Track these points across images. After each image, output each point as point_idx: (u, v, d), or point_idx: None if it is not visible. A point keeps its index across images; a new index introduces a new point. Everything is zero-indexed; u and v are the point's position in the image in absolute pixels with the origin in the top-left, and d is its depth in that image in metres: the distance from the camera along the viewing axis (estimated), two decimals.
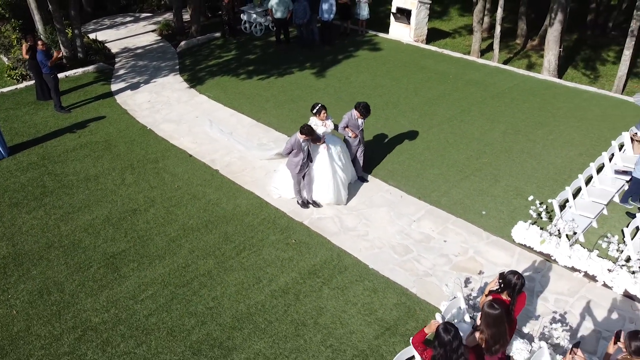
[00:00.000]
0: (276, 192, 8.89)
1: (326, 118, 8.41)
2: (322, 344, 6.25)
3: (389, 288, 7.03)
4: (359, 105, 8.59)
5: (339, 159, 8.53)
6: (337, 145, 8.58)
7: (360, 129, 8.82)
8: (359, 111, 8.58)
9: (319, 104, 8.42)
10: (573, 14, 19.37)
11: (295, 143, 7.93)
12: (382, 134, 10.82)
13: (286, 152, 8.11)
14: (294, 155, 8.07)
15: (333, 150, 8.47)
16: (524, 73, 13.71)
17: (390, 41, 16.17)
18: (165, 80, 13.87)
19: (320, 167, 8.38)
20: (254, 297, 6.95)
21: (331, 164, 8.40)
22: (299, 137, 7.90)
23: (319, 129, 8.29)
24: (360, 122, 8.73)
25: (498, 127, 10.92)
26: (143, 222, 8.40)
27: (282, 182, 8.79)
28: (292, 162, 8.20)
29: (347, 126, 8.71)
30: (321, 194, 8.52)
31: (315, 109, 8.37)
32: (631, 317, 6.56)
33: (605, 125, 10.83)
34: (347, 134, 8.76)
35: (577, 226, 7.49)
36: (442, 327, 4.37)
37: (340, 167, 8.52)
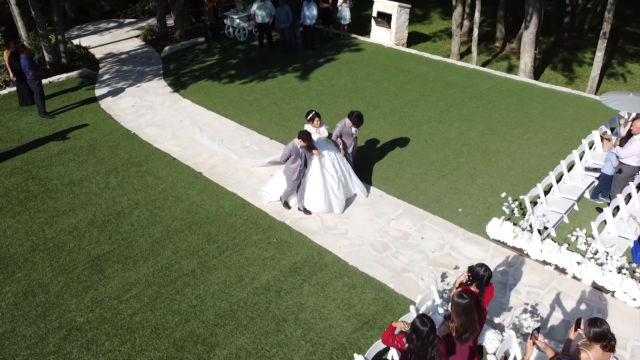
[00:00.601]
0: (267, 196, 8.93)
1: (320, 125, 8.48)
2: (303, 339, 6.45)
3: (368, 284, 7.25)
4: (352, 114, 8.64)
5: (331, 166, 8.49)
6: (331, 152, 8.56)
7: (353, 137, 8.87)
8: (352, 120, 8.64)
9: (313, 111, 8.48)
10: (551, 17, 19.88)
11: (293, 149, 7.94)
12: (363, 135, 11.03)
13: (284, 158, 8.12)
14: (292, 161, 8.07)
15: (326, 158, 8.46)
16: (501, 75, 14.07)
17: (372, 45, 16.47)
18: (149, 84, 14.00)
19: (312, 175, 8.39)
20: (237, 294, 7.12)
21: (322, 172, 8.39)
22: (296, 143, 7.91)
23: (313, 136, 8.29)
24: (353, 130, 8.77)
25: (475, 127, 11.23)
26: (127, 224, 8.53)
27: (275, 188, 8.86)
28: (289, 169, 8.19)
29: (340, 135, 8.75)
30: (312, 203, 8.53)
31: (309, 116, 8.42)
32: (599, 307, 6.84)
33: (578, 124, 11.18)
34: (338, 144, 8.79)
35: (548, 221, 7.79)
36: (419, 319, 4.58)
37: (332, 175, 8.48)
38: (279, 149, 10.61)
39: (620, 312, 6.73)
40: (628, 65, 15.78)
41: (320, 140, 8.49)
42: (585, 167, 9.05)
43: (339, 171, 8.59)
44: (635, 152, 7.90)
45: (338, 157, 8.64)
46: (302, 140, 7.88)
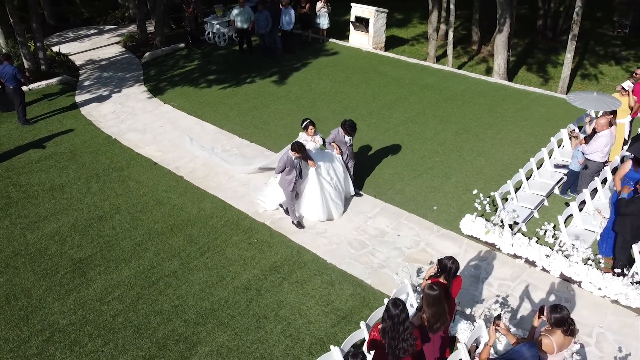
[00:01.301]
0: (262, 204, 8.91)
1: (314, 134, 8.51)
2: (282, 334, 6.63)
3: (346, 280, 7.46)
4: (344, 123, 8.62)
5: (327, 174, 8.47)
6: (325, 160, 8.54)
7: (347, 145, 8.81)
8: (344, 129, 8.63)
9: (308, 119, 8.51)
10: (525, 20, 20.38)
11: (288, 161, 7.89)
12: None
13: (279, 170, 8.04)
14: (287, 173, 8.02)
15: (322, 166, 8.43)
16: (476, 76, 14.44)
17: (350, 49, 16.76)
18: (130, 90, 14.09)
19: (309, 185, 8.37)
20: (218, 294, 7.29)
21: (319, 181, 8.36)
22: (290, 155, 7.87)
23: (308, 144, 8.32)
24: (347, 139, 8.73)
25: (450, 127, 11.54)
26: (109, 228, 8.64)
27: (270, 196, 8.85)
28: (284, 180, 8.13)
29: (333, 141, 8.73)
30: (311, 212, 8.52)
31: (304, 124, 8.47)
32: (567, 297, 7.14)
33: (549, 123, 11.56)
34: (332, 149, 8.73)
35: (518, 216, 8.10)
36: (392, 301, 4.82)
37: (329, 182, 8.47)
38: (259, 152, 10.85)
39: (586, 302, 7.03)
40: (599, 66, 16.27)
41: (315, 148, 8.51)
42: (554, 164, 9.40)
43: (335, 178, 8.59)
44: (599, 149, 8.25)
45: (333, 165, 8.61)
46: (296, 151, 7.83)
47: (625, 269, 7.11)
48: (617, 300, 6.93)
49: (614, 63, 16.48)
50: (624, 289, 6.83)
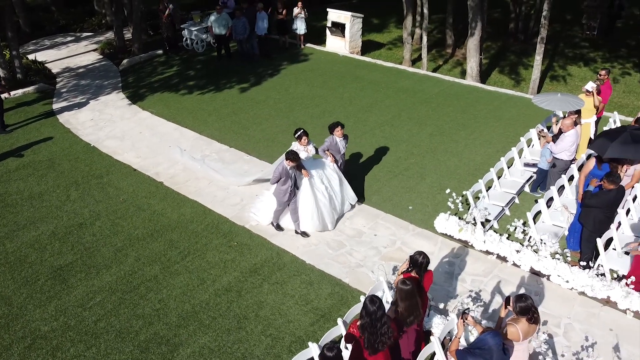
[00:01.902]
0: (255, 217, 8.88)
1: (307, 143, 8.51)
2: (263, 334, 6.79)
3: (324, 280, 7.66)
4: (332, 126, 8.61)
5: (320, 183, 8.46)
6: (319, 169, 8.53)
7: (341, 153, 8.82)
8: (335, 130, 8.56)
9: (301, 129, 8.50)
10: (498, 23, 20.91)
11: (283, 171, 7.86)
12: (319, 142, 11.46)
13: (274, 181, 7.99)
14: (282, 183, 7.98)
15: (315, 176, 8.42)
16: (450, 79, 14.80)
17: (327, 53, 17.01)
18: (108, 98, 14.11)
19: (303, 195, 8.34)
20: (199, 296, 7.41)
21: (313, 192, 8.35)
22: (285, 165, 7.84)
23: (300, 154, 8.28)
24: (341, 146, 8.74)
25: (425, 129, 11.84)
26: (89, 234, 8.70)
27: (262, 209, 8.83)
28: (280, 191, 8.09)
29: (327, 149, 8.67)
30: (306, 223, 8.49)
31: (297, 134, 8.45)
32: (536, 290, 7.44)
33: (520, 124, 11.93)
34: (326, 157, 8.68)
35: (490, 214, 8.39)
36: (369, 299, 5.03)
37: (322, 192, 8.46)
38: (239, 157, 10.99)
39: (555, 294, 7.34)
40: (568, 67, 16.79)
41: (308, 158, 8.53)
42: (524, 163, 9.74)
43: (329, 187, 8.58)
44: (566, 148, 8.60)
45: (326, 173, 8.60)
46: (291, 160, 7.79)
47: (590, 262, 7.44)
48: (583, 292, 7.24)
49: (583, 64, 17.03)
50: (589, 281, 7.15)
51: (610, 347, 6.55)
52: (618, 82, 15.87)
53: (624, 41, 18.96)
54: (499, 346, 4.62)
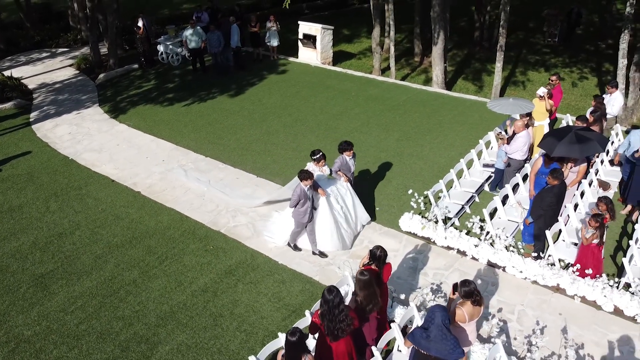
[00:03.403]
0: (270, 240, 8.87)
1: (323, 165, 8.58)
2: (237, 330, 7.21)
3: (296, 278, 8.11)
4: (341, 146, 8.72)
5: (336, 203, 8.54)
6: (334, 188, 8.58)
7: (351, 172, 8.90)
8: (344, 149, 8.66)
9: (320, 151, 8.57)
10: (464, 32, 21.77)
11: (302, 193, 7.84)
12: (291, 149, 12.01)
13: (294, 204, 7.96)
14: (301, 205, 7.96)
15: (331, 195, 8.49)
16: (417, 87, 15.47)
17: (300, 64, 17.58)
18: (86, 112, 14.42)
19: (321, 216, 8.36)
20: (176, 298, 7.80)
21: (331, 211, 8.39)
22: (303, 186, 7.82)
23: (315, 173, 8.36)
24: (351, 164, 8.82)
25: (392, 135, 12.43)
26: (69, 243, 9.02)
27: (276, 231, 8.87)
28: (298, 213, 8.06)
29: (339, 170, 8.76)
30: (325, 243, 8.51)
31: (316, 156, 8.49)
32: (493, 281, 8.00)
33: (481, 127, 12.59)
34: (339, 178, 8.76)
35: (449, 212, 8.96)
36: (327, 289, 5.49)
37: (339, 212, 8.53)
38: (214, 166, 11.40)
39: (510, 284, 7.91)
40: (529, 73, 17.62)
41: (322, 177, 8.62)
42: (483, 163, 10.36)
43: (344, 206, 8.67)
44: (519, 148, 9.23)
45: (341, 192, 8.68)
46: (306, 180, 7.78)
47: (541, 253, 8.04)
48: (536, 281, 7.83)
49: (544, 70, 17.87)
50: (541, 271, 7.74)
51: (559, 330, 7.12)
52: (576, 85, 16.72)
53: (583, 47, 19.93)
54: (443, 319, 5.10)
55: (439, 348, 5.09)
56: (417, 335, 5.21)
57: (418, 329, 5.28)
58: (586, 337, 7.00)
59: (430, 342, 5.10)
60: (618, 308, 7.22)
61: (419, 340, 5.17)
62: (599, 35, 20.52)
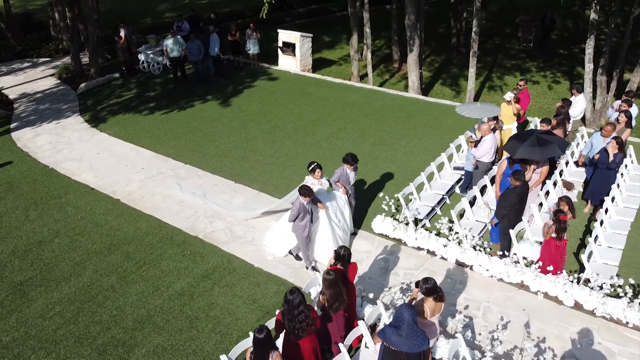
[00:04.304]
0: (268, 250, 8.94)
1: (321, 177, 8.62)
2: (213, 331, 7.42)
3: (271, 281, 8.34)
4: (346, 158, 8.70)
5: (335, 216, 8.60)
6: (333, 202, 8.67)
7: (351, 184, 8.93)
8: (347, 162, 8.68)
9: (315, 162, 8.58)
10: (443, 38, 22.23)
11: (301, 207, 7.89)
12: (269, 155, 12.26)
13: (293, 218, 8.00)
14: (300, 219, 8.00)
15: (330, 209, 8.55)
16: (394, 92, 15.82)
17: (280, 72, 17.87)
18: (66, 121, 14.55)
19: (321, 228, 8.43)
20: (153, 302, 7.99)
21: (330, 224, 8.47)
22: (302, 201, 7.86)
23: (314, 187, 8.43)
24: (351, 177, 8.87)
25: (368, 140, 12.74)
26: (48, 251, 9.17)
27: (276, 242, 8.91)
28: (298, 227, 8.09)
29: (338, 181, 8.82)
30: (322, 254, 8.56)
31: (311, 168, 8.53)
32: (461, 279, 8.30)
33: (455, 131, 12.94)
34: (337, 189, 8.84)
35: (419, 213, 9.26)
36: (289, 289, 5.74)
37: (338, 225, 8.60)
38: (193, 173, 11.60)
39: (477, 282, 8.21)
40: (505, 77, 18.07)
41: (321, 191, 8.67)
42: (454, 166, 10.69)
43: (342, 219, 8.73)
44: (486, 151, 9.56)
45: (339, 205, 8.75)
46: (305, 195, 7.82)
47: (506, 252, 8.36)
48: (501, 279, 8.14)
49: (519, 74, 18.33)
50: (505, 268, 8.05)
51: (522, 325, 7.43)
52: (552, 89, 17.20)
53: (557, 52, 20.47)
54: (412, 316, 5.36)
55: (410, 344, 5.33)
56: (388, 333, 5.44)
57: (389, 327, 5.51)
58: (548, 331, 7.31)
59: (402, 339, 5.35)
60: (578, 303, 7.54)
61: (390, 337, 5.41)
62: (572, 40, 21.07)
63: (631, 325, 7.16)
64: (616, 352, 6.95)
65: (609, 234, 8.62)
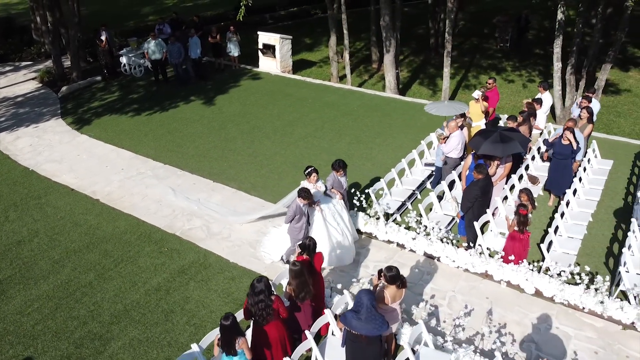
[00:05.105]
0: (267, 256, 8.97)
1: (316, 181, 8.69)
2: (187, 324, 7.66)
3: (245, 275, 8.60)
4: (334, 164, 8.81)
5: (333, 219, 8.63)
6: (330, 205, 8.70)
7: (344, 188, 9.01)
8: (336, 169, 8.77)
9: (311, 167, 8.67)
10: (422, 39, 22.62)
11: (297, 210, 7.98)
12: (247, 154, 12.52)
13: (289, 220, 8.08)
14: (296, 221, 8.08)
15: (327, 212, 8.60)
16: (372, 92, 16.15)
17: (260, 73, 18.14)
18: (47, 124, 14.70)
19: (316, 231, 8.44)
20: (130, 297, 8.21)
21: (326, 226, 8.50)
22: (299, 203, 7.97)
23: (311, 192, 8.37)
24: (343, 181, 8.93)
25: (344, 139, 13.05)
26: (28, 250, 9.35)
27: (273, 247, 8.99)
28: (294, 229, 8.17)
29: (332, 187, 8.86)
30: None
31: (307, 172, 8.62)
32: (428, 270, 8.61)
33: (429, 129, 13.25)
34: (334, 196, 8.87)
35: (390, 208, 9.57)
36: (256, 279, 6.02)
37: (335, 228, 8.61)
38: (172, 173, 11.82)
39: (444, 272, 8.53)
40: (480, 77, 18.49)
41: (318, 195, 8.69)
42: (425, 163, 11.03)
43: (340, 223, 8.75)
44: (454, 147, 9.91)
45: (337, 209, 8.80)
46: (304, 198, 7.93)
47: (472, 243, 8.69)
48: (467, 269, 8.47)
49: (495, 74, 18.76)
50: (471, 259, 8.38)
51: (485, 312, 7.76)
52: (526, 87, 17.64)
53: (533, 51, 20.95)
54: (371, 301, 5.66)
55: (369, 327, 5.63)
56: (348, 317, 5.74)
57: (349, 312, 5.81)
58: (509, 318, 7.64)
59: (361, 323, 5.65)
60: (538, 290, 7.89)
61: (350, 321, 5.71)
62: (548, 40, 21.54)
63: (587, 310, 7.52)
64: (572, 335, 7.30)
65: (570, 224, 8.99)
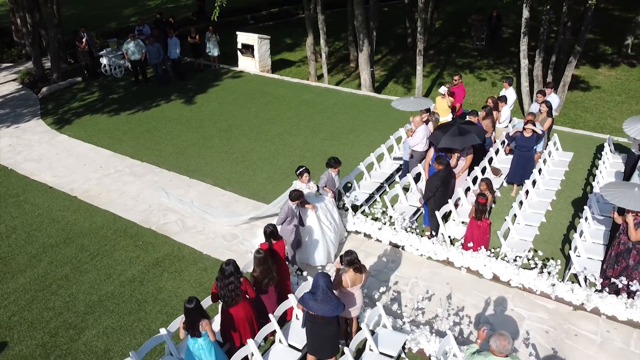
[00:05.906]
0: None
1: (308, 181, 8.81)
2: (160, 312, 7.96)
3: (217, 265, 8.85)
4: (329, 162, 8.99)
5: (326, 219, 8.78)
6: (322, 204, 8.83)
7: (336, 187, 9.18)
8: (331, 166, 8.94)
9: (303, 167, 8.80)
10: (400, 38, 23.04)
11: (289, 211, 8.01)
12: (224, 151, 12.83)
13: (281, 221, 8.08)
14: (288, 223, 8.11)
15: (321, 211, 8.73)
16: (348, 90, 16.54)
17: (239, 73, 18.45)
18: (27, 125, 14.88)
19: (310, 229, 8.57)
20: (105, 288, 8.49)
21: (320, 226, 8.64)
22: (290, 204, 8.01)
23: (303, 191, 8.50)
24: (336, 179, 9.11)
25: (319, 135, 13.40)
26: (5, 246, 9.59)
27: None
28: (286, 230, 8.16)
29: (325, 185, 9.02)
30: (313, 256, 8.71)
31: (299, 172, 8.73)
32: (393, 259, 8.99)
33: (401, 125, 13.64)
34: (326, 193, 9.02)
35: (357, 200, 9.94)
36: (225, 262, 6.37)
37: (329, 227, 8.77)
38: (149, 171, 12.09)
39: (408, 260, 8.92)
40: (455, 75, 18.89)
41: (310, 195, 8.83)
42: (394, 157, 11.42)
43: (333, 222, 8.91)
44: (419, 141, 10.30)
45: (329, 207, 8.93)
46: (295, 199, 7.99)
47: (434, 232, 9.09)
48: (430, 257, 8.86)
49: (469, 72, 19.22)
50: (433, 247, 8.77)
51: (445, 296, 8.15)
52: (495, 85, 18.09)
53: (508, 49, 21.44)
54: (326, 283, 6.03)
55: (324, 308, 6.01)
56: (305, 299, 6.11)
57: (307, 294, 6.18)
58: (467, 302, 8.04)
59: (317, 304, 6.01)
60: (496, 275, 8.30)
61: (307, 302, 6.07)
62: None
63: (539, 292, 7.94)
64: (526, 317, 7.72)
65: (528, 213, 9.42)
